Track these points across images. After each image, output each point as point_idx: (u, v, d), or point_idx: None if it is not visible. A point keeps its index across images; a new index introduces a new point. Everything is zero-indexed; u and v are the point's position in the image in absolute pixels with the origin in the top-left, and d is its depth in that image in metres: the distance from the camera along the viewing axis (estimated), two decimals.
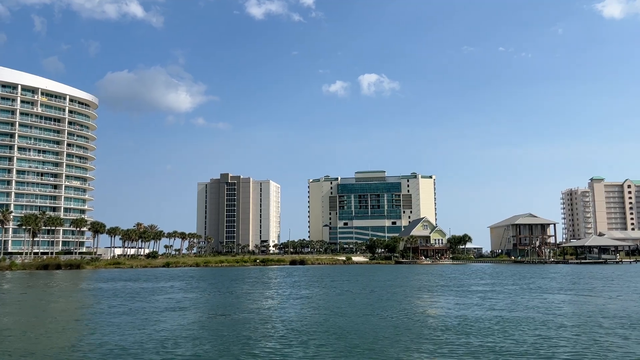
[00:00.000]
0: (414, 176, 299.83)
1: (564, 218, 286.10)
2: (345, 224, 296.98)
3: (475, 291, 54.38)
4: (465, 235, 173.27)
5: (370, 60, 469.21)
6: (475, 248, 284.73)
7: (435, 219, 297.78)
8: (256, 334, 28.46)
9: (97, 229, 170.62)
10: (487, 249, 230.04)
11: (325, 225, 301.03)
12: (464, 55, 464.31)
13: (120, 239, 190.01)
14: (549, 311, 37.15)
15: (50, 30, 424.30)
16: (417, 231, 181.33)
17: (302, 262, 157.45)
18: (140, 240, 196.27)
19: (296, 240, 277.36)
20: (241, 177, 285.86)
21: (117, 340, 26.78)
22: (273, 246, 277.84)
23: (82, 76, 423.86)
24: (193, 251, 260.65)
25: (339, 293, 53.51)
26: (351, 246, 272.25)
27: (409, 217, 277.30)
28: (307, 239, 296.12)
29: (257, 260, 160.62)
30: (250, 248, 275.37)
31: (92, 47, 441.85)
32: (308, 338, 26.77)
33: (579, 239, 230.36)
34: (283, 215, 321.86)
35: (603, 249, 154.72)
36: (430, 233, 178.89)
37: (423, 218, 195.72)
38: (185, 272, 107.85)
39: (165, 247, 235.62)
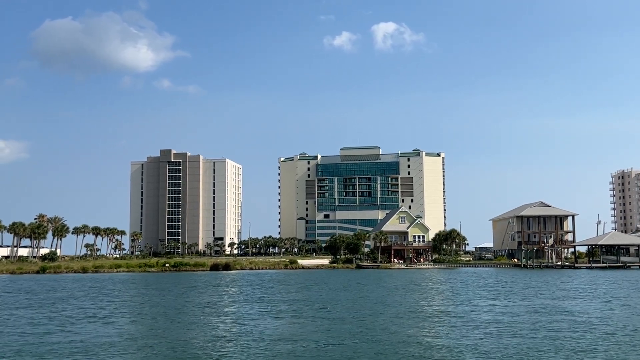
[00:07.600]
0: (417, 154, 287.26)
1: (614, 209, 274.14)
2: (326, 216, 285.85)
3: None
4: (452, 231, 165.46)
5: (387, 4, 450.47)
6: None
7: (444, 210, 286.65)
8: None
9: None
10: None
11: (301, 218, 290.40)
12: None
13: (14, 235, 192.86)
14: None
15: None
16: (391, 225, 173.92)
17: (227, 267, 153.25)
18: (32, 238, 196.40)
19: (260, 238, 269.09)
20: (188, 154, 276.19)
21: None
22: (229, 245, 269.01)
23: (12, 24, 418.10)
24: (124, 252, 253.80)
25: None
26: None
27: (410, 206, 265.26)
28: (278, 235, 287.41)
29: (167, 265, 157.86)
30: (200, 248, 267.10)
31: None
32: None
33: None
34: (246, 205, 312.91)
35: (624, 249, 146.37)
36: (407, 228, 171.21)
37: (400, 208, 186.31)
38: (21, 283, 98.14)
39: (86, 246, 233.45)
